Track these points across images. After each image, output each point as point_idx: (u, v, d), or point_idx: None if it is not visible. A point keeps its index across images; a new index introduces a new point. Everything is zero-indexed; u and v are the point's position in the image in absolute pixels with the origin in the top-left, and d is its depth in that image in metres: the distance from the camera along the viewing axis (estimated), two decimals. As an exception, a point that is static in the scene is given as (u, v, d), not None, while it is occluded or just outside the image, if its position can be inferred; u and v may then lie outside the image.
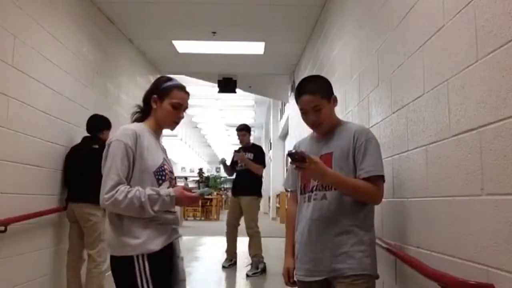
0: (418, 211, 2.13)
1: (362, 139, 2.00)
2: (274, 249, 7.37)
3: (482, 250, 1.55)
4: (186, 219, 15.23)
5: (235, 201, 5.93)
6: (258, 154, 5.89)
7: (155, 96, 2.05)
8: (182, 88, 2.08)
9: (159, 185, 1.95)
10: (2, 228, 3.08)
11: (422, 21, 2.10)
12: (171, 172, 2.08)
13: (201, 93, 11.58)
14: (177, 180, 2.17)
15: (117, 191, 1.83)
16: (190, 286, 2.26)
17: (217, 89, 8.30)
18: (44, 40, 3.74)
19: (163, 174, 1.96)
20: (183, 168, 31.33)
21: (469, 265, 1.63)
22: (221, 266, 6.05)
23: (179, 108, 2.05)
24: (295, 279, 2.12)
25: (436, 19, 1.93)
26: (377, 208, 2.59)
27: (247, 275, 5.54)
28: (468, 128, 1.66)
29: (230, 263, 6.06)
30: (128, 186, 1.87)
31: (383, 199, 2.57)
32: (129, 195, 1.83)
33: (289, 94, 8.44)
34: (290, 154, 1.90)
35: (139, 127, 2.01)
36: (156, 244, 1.89)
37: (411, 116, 2.21)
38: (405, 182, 2.30)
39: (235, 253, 6.13)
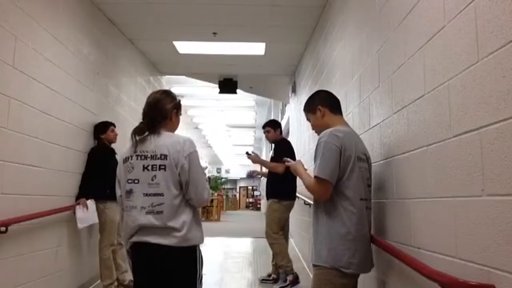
0: (418, 212, 2.13)
1: (316, 144, 2.35)
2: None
3: (483, 251, 1.55)
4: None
5: None
6: (275, 150, 5.25)
7: None
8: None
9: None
10: (3, 228, 3.08)
11: (422, 21, 2.10)
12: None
13: (201, 93, 11.57)
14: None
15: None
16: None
17: (218, 89, 8.30)
18: (45, 41, 3.75)
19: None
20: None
21: (470, 265, 1.62)
22: (222, 266, 6.03)
23: None
24: None
25: (436, 20, 1.93)
26: (378, 208, 2.58)
27: None
28: (469, 128, 1.66)
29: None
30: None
31: (383, 200, 2.58)
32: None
33: (289, 95, 8.43)
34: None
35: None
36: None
37: (412, 117, 2.21)
38: (405, 183, 2.30)
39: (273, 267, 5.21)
